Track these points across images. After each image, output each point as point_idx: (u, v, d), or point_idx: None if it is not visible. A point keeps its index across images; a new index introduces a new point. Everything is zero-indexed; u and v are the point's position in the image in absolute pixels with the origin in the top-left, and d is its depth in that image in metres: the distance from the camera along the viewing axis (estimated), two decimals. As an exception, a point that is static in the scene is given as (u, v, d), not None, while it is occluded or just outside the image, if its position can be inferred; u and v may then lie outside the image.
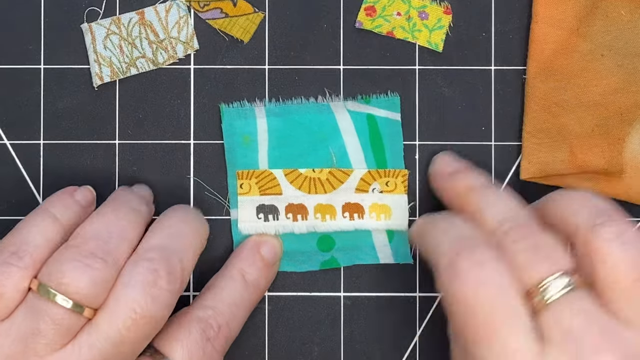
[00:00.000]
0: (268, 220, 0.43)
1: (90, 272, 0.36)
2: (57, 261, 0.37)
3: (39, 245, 0.38)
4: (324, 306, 0.44)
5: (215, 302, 0.41)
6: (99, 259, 0.37)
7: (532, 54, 0.43)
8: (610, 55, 0.43)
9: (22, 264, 0.37)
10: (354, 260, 0.44)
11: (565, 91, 0.43)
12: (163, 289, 0.37)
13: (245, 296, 0.41)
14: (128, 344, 0.37)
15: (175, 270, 0.38)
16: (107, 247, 0.37)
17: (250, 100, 0.44)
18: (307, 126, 0.43)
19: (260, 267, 0.42)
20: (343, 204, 0.43)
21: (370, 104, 0.43)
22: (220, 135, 0.44)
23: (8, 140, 0.44)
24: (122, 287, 0.37)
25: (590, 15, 0.43)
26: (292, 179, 0.43)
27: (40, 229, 0.38)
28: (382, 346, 0.44)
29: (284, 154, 0.43)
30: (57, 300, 0.36)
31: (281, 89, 0.44)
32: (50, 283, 0.36)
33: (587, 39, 0.43)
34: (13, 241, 0.38)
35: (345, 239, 0.44)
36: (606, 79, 0.43)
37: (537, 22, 0.43)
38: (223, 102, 0.44)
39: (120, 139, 0.44)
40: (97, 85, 0.43)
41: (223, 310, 0.40)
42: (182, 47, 0.44)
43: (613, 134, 0.43)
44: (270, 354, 0.44)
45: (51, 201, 0.40)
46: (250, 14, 0.44)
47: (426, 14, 0.44)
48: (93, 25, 0.43)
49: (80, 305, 0.36)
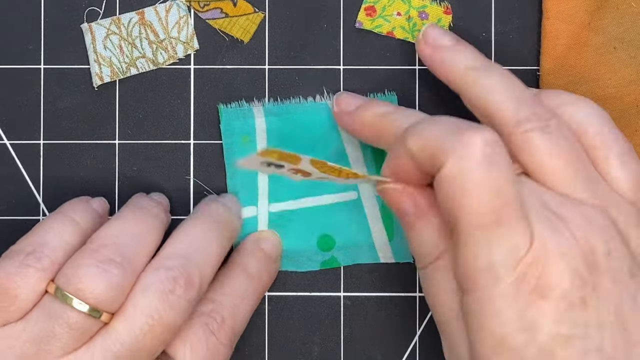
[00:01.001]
0: (269, 166, 0.42)
1: (107, 277, 0.36)
2: (75, 265, 0.36)
3: (58, 247, 0.37)
4: (324, 306, 0.44)
5: (216, 295, 0.40)
6: (117, 263, 0.36)
7: (544, 51, 0.43)
8: (622, 48, 0.43)
9: (39, 266, 0.36)
10: (355, 259, 0.44)
11: (579, 86, 0.43)
12: (181, 297, 0.37)
13: (248, 288, 0.41)
14: (143, 351, 0.36)
15: (193, 281, 0.37)
16: (126, 252, 0.37)
17: (249, 101, 0.44)
18: (306, 125, 0.43)
19: (261, 259, 0.42)
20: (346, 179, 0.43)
21: None
22: (220, 135, 0.44)
23: (8, 140, 0.44)
24: (141, 293, 0.37)
25: (601, 9, 0.43)
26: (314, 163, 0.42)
27: (59, 231, 0.38)
28: (382, 346, 0.44)
29: None
30: (74, 304, 0.36)
31: (281, 89, 0.44)
32: (67, 287, 0.36)
33: (599, 32, 0.43)
34: (30, 242, 0.37)
35: (345, 238, 0.44)
36: (620, 72, 0.43)
37: (548, 18, 0.43)
38: (223, 102, 0.44)
39: (120, 139, 0.44)
40: (97, 85, 0.43)
41: (225, 302, 0.40)
42: (182, 47, 0.44)
43: (630, 126, 0.43)
44: (270, 354, 0.44)
45: (70, 205, 0.40)
46: (250, 14, 0.44)
47: (426, 14, 0.44)
48: (93, 25, 0.43)
49: (97, 310, 0.36)
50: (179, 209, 0.44)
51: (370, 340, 0.44)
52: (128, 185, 0.44)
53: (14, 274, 0.36)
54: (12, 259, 0.37)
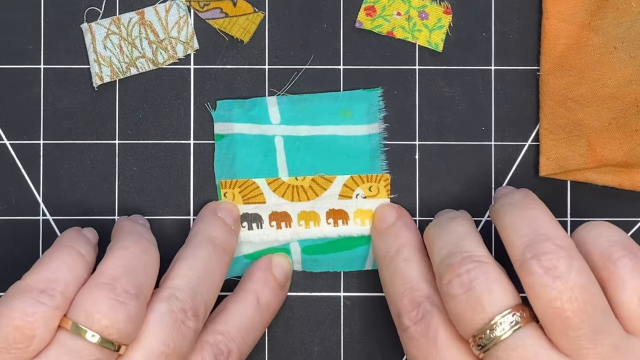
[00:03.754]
0: (252, 229, 0.43)
1: (126, 310, 0.36)
2: (93, 300, 0.36)
3: (69, 283, 0.37)
4: (324, 306, 0.44)
5: (227, 327, 0.41)
6: (132, 295, 0.37)
7: (544, 50, 0.43)
8: (622, 48, 0.43)
9: (53, 304, 0.36)
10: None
11: (580, 86, 0.43)
12: (190, 328, 0.38)
13: (257, 319, 0.42)
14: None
15: (199, 312, 0.39)
16: (137, 282, 0.37)
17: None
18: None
19: (273, 288, 0.42)
20: (327, 211, 0.43)
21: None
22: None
23: (8, 140, 0.44)
24: (156, 324, 0.37)
25: (601, 9, 0.43)
26: (275, 187, 0.43)
27: (68, 265, 0.38)
28: (382, 346, 0.44)
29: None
30: (89, 338, 0.36)
31: (281, 89, 0.44)
32: (87, 322, 0.36)
33: (599, 32, 0.43)
34: (40, 278, 0.37)
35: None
36: (620, 72, 0.43)
37: (548, 18, 0.43)
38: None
39: (120, 139, 0.44)
40: (97, 85, 0.43)
41: (234, 335, 0.41)
42: (182, 47, 0.44)
43: (630, 125, 0.43)
44: (270, 354, 0.44)
45: (70, 237, 0.40)
46: (250, 13, 0.44)
47: (426, 14, 0.44)
48: (93, 25, 0.43)
49: (113, 342, 0.36)
50: (179, 209, 0.44)
51: (370, 340, 0.44)
52: (128, 185, 0.44)
53: (30, 314, 0.36)
54: (24, 297, 0.36)
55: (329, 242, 0.43)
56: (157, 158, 0.44)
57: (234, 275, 0.44)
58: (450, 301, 0.36)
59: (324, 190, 0.43)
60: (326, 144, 0.43)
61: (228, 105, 0.43)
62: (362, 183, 0.43)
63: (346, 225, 0.43)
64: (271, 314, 0.42)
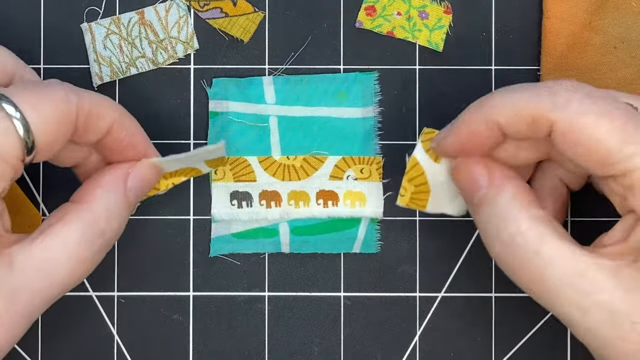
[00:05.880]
0: (241, 207, 0.43)
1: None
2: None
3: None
4: (324, 306, 0.44)
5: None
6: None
7: (545, 50, 0.43)
8: (623, 48, 0.43)
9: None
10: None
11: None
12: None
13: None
14: None
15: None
16: None
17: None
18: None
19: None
20: (317, 191, 0.43)
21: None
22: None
23: (8, 140, 0.44)
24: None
25: (602, 9, 0.43)
26: (266, 166, 0.43)
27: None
28: (382, 346, 0.44)
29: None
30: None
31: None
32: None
33: (600, 32, 0.43)
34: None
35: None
36: (620, 71, 0.43)
37: (548, 18, 0.43)
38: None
39: (120, 139, 0.44)
40: (97, 85, 0.43)
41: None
42: (182, 47, 0.44)
43: None
44: (270, 354, 0.44)
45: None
46: (250, 13, 0.44)
47: (426, 14, 0.44)
48: (93, 25, 0.43)
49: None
50: (179, 209, 0.44)
51: (370, 340, 0.44)
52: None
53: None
54: None
55: (318, 223, 0.44)
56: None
57: (223, 254, 0.44)
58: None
59: (315, 170, 0.43)
60: (320, 125, 0.43)
61: (224, 83, 0.44)
62: (354, 164, 0.43)
63: (336, 206, 0.43)
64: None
